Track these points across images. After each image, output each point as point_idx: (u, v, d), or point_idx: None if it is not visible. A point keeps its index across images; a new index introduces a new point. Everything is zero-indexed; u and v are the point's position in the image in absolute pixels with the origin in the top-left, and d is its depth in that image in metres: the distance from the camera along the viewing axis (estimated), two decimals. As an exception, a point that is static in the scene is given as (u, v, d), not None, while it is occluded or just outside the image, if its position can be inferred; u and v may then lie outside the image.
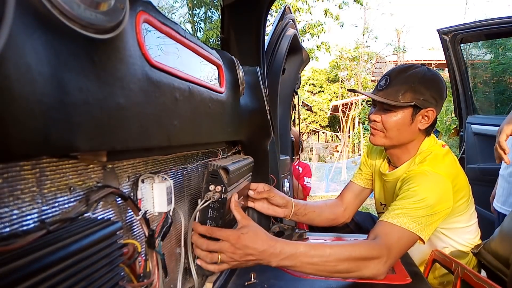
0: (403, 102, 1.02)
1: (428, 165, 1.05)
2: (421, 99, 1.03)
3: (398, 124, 1.06)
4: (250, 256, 0.79)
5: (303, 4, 9.16)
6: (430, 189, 0.99)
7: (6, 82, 0.30)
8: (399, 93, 1.03)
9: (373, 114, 1.11)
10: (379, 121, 1.08)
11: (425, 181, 1.00)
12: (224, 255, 0.78)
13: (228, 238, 0.79)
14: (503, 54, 3.87)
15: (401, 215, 0.95)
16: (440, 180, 1.01)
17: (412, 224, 0.94)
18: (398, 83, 1.04)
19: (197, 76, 0.77)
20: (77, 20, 0.38)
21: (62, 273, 0.37)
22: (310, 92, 17.51)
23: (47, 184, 0.44)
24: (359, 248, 0.87)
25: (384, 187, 1.28)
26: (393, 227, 0.94)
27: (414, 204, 0.97)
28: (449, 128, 8.51)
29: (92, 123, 0.42)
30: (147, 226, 0.63)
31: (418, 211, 0.96)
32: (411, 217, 0.95)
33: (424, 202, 0.97)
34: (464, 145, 2.46)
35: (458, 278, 0.97)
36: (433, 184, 1.00)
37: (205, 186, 0.81)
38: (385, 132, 1.09)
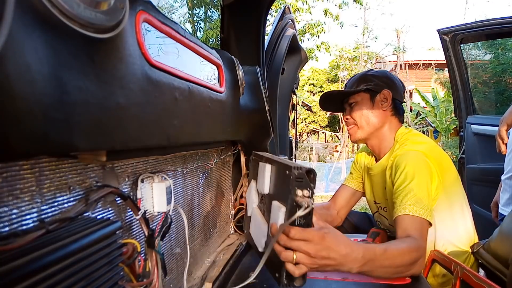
0: (355, 89, 1.20)
1: (405, 147, 1.14)
2: (372, 83, 1.19)
3: (362, 111, 1.20)
4: (331, 260, 0.72)
5: (303, 4, 9.16)
6: (416, 165, 1.06)
7: (6, 81, 0.30)
8: (353, 86, 1.22)
9: (344, 116, 1.27)
10: (349, 117, 1.24)
11: (409, 159, 1.07)
12: (302, 256, 0.70)
13: (313, 238, 0.70)
14: (503, 54, 3.87)
15: (411, 204, 0.99)
16: (420, 157, 1.09)
17: (421, 210, 0.98)
18: (351, 81, 1.25)
19: (197, 75, 0.77)
20: (76, 20, 0.38)
21: (61, 272, 0.37)
22: (310, 92, 17.51)
23: (47, 183, 0.44)
24: (412, 249, 0.88)
25: (372, 183, 1.33)
26: (414, 218, 0.97)
27: (412, 185, 1.02)
28: (449, 128, 8.52)
29: (92, 122, 0.42)
30: (147, 225, 0.63)
31: (419, 193, 1.00)
32: (417, 203, 0.99)
33: (416, 179, 1.02)
34: (464, 145, 2.46)
35: (457, 278, 0.97)
36: (416, 160, 1.08)
37: (292, 192, 0.73)
38: (356, 123, 1.22)
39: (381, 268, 0.81)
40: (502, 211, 1.67)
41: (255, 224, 0.95)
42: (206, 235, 1.06)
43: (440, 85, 10.51)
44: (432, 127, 9.76)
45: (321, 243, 0.70)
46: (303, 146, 13.16)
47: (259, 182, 0.97)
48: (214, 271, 0.95)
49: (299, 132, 14.62)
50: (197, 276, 0.94)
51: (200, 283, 0.90)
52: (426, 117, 9.73)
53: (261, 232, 0.89)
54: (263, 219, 0.91)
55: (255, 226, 0.95)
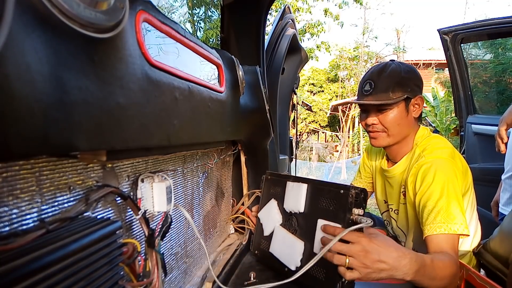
0: (396, 98, 1.06)
1: (430, 155, 1.07)
2: (409, 90, 1.08)
3: (398, 119, 1.09)
4: (383, 264, 0.71)
5: (303, 3, 9.16)
6: (446, 177, 1.00)
7: (6, 81, 0.30)
8: (389, 91, 1.06)
9: (369, 118, 1.12)
10: (377, 123, 1.10)
11: (438, 171, 1.01)
12: (353, 260, 0.70)
13: (360, 240, 0.70)
14: (503, 54, 3.86)
15: (444, 222, 0.95)
16: (448, 165, 1.03)
17: (455, 226, 0.94)
18: (384, 82, 1.07)
19: (197, 75, 0.77)
20: (76, 19, 0.38)
21: (61, 272, 0.37)
22: (310, 91, 17.50)
23: (47, 183, 0.44)
24: (453, 263, 0.86)
25: (386, 184, 1.27)
26: (447, 236, 0.94)
27: (443, 202, 0.97)
28: (449, 128, 8.52)
29: (92, 122, 0.42)
30: (147, 225, 0.63)
31: (451, 208, 0.96)
32: (450, 219, 0.95)
33: (447, 194, 0.98)
34: (464, 145, 2.46)
35: (462, 279, 0.97)
36: (445, 170, 1.01)
37: (349, 211, 0.78)
38: (387, 131, 1.10)
39: (428, 279, 0.79)
40: (502, 210, 1.66)
41: (284, 243, 0.96)
42: (206, 235, 1.06)
43: (440, 84, 10.50)
44: (432, 126, 9.76)
45: (370, 245, 0.71)
46: (303, 146, 13.16)
47: (288, 202, 0.99)
48: (214, 271, 0.95)
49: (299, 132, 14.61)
50: (197, 276, 0.94)
51: (200, 283, 0.90)
52: (426, 117, 9.72)
53: (295, 250, 0.90)
54: (296, 238, 0.92)
55: (284, 246, 0.95)
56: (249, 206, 1.24)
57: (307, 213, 0.92)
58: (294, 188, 0.98)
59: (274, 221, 1.02)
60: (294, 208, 0.95)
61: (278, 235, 0.99)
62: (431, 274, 0.79)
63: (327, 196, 0.86)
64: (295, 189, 0.97)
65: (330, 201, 0.85)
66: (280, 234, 0.98)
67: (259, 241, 1.07)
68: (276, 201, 1.05)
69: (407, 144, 1.15)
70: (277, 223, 1.01)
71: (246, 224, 1.23)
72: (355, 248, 0.70)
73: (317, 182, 0.94)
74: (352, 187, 0.80)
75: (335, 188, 0.84)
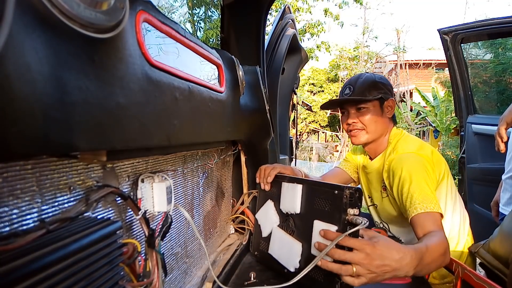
0: (373, 97, 1.22)
1: (398, 152, 1.21)
2: (382, 92, 1.24)
3: (374, 117, 1.24)
4: (387, 267, 0.74)
5: (303, 3, 9.15)
6: (410, 166, 1.12)
7: (6, 81, 0.30)
8: (366, 92, 1.22)
9: (349, 118, 1.26)
10: (357, 121, 1.25)
11: (403, 163, 1.14)
12: (359, 267, 0.72)
13: (363, 247, 0.72)
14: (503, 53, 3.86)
15: (420, 202, 1.04)
16: (412, 157, 1.16)
17: (431, 205, 1.03)
18: (361, 86, 1.24)
19: (197, 75, 0.77)
20: (76, 20, 0.38)
21: (62, 272, 0.37)
22: (310, 91, 17.50)
23: (47, 183, 0.44)
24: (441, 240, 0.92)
25: (367, 180, 1.40)
26: (427, 214, 1.01)
27: (414, 187, 1.07)
28: (449, 128, 8.52)
29: (92, 122, 0.42)
30: (147, 225, 0.63)
31: (423, 191, 1.05)
32: (425, 200, 1.03)
33: (415, 180, 1.08)
34: (465, 145, 2.46)
35: (458, 278, 0.97)
36: (409, 161, 1.14)
37: (344, 211, 0.78)
38: (366, 129, 1.25)
39: (427, 266, 0.83)
40: (502, 210, 1.66)
41: (282, 244, 0.96)
42: (206, 235, 1.06)
43: (440, 84, 10.50)
44: (433, 126, 9.76)
45: (374, 252, 0.73)
46: (303, 146, 13.16)
47: (284, 202, 0.99)
48: (214, 271, 0.95)
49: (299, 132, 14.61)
50: (197, 276, 0.94)
51: (200, 283, 0.90)
52: (426, 117, 9.72)
53: (293, 252, 0.90)
54: (293, 239, 0.92)
55: (282, 247, 0.95)
56: (249, 206, 1.24)
57: (303, 214, 0.92)
58: (289, 189, 0.98)
59: (271, 222, 1.02)
60: (290, 209, 0.95)
61: (276, 236, 0.99)
62: (428, 260, 0.83)
63: (322, 197, 0.86)
64: (290, 190, 0.97)
65: (325, 201, 0.85)
66: (278, 235, 0.98)
67: (258, 242, 1.07)
68: (273, 202, 1.05)
69: (382, 143, 1.30)
70: (274, 224, 1.01)
71: (246, 224, 1.23)
72: (360, 256, 0.72)
73: (312, 182, 0.94)
74: (346, 187, 0.80)
75: (330, 189, 0.84)
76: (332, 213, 0.82)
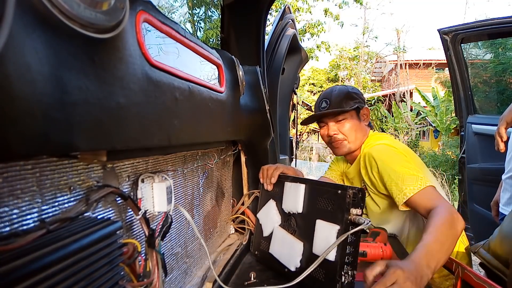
0: (350, 107, 1.27)
1: (368, 148, 1.26)
2: (358, 101, 1.30)
3: (353, 126, 1.28)
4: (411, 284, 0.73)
5: (303, 3, 9.15)
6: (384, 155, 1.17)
7: (6, 81, 0.30)
8: (342, 103, 1.27)
9: (330, 131, 1.30)
10: (338, 132, 1.29)
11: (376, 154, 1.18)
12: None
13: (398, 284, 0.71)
14: (503, 53, 3.86)
15: (406, 186, 1.07)
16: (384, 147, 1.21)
17: (418, 183, 1.05)
18: (337, 98, 1.28)
19: (197, 75, 0.77)
20: (77, 20, 0.38)
21: (62, 272, 0.37)
22: (310, 91, 17.50)
23: (47, 183, 0.44)
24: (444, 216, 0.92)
25: (351, 185, 1.42)
26: (418, 195, 1.04)
27: (393, 174, 1.11)
28: (449, 128, 8.51)
29: (92, 122, 0.42)
30: (147, 225, 0.63)
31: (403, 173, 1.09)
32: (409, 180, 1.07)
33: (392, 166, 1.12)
34: (465, 145, 2.46)
35: (458, 278, 0.97)
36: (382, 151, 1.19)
37: (347, 211, 0.78)
38: (347, 139, 1.29)
39: (440, 253, 0.84)
40: (502, 210, 1.67)
41: (283, 244, 0.96)
42: (207, 235, 1.06)
43: (440, 84, 10.50)
44: (433, 126, 9.75)
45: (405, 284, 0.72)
46: (303, 146, 13.16)
47: (287, 202, 0.99)
48: (215, 271, 0.95)
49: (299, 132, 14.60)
50: (197, 276, 0.94)
51: (200, 283, 0.90)
52: (426, 117, 9.72)
53: (294, 251, 0.90)
54: (295, 238, 0.92)
55: (283, 246, 0.95)
56: (249, 206, 1.24)
57: (305, 213, 0.92)
58: (292, 189, 0.98)
59: (273, 222, 1.02)
60: (293, 208, 0.95)
61: (277, 235, 0.99)
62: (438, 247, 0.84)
63: (325, 197, 0.86)
64: (293, 190, 0.97)
65: (328, 201, 0.85)
66: (279, 234, 0.98)
67: (259, 242, 1.07)
68: (275, 202, 1.05)
69: (360, 149, 1.34)
70: (276, 223, 1.01)
71: (246, 224, 1.23)
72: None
73: (315, 182, 0.94)
74: (350, 187, 0.80)
75: (333, 189, 0.84)
76: (334, 212, 0.82)
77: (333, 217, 0.82)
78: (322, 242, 0.82)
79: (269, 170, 1.12)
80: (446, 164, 6.93)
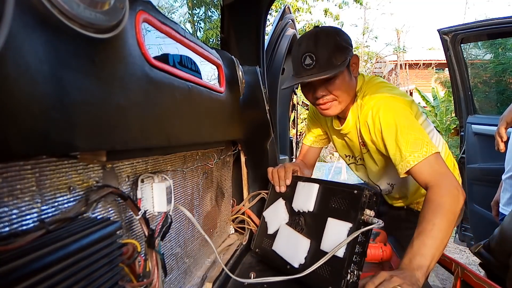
0: (341, 64, 1.03)
1: (371, 101, 1.08)
2: (346, 52, 1.05)
3: (345, 85, 1.07)
4: None
5: (303, 3, 9.16)
6: (391, 113, 1.02)
7: (6, 81, 0.30)
8: (332, 59, 1.02)
9: (318, 92, 1.08)
10: (327, 93, 1.07)
11: (382, 113, 1.03)
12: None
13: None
14: (503, 54, 3.86)
15: (410, 153, 0.97)
16: (388, 101, 1.05)
17: (423, 150, 0.96)
18: (324, 52, 1.02)
19: (197, 75, 0.77)
20: (76, 20, 0.38)
21: (61, 272, 0.37)
22: (310, 92, 17.45)
23: (47, 183, 0.44)
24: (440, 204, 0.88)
25: (346, 140, 1.28)
26: (421, 164, 0.96)
27: (400, 135, 0.98)
28: (449, 128, 8.51)
29: (92, 122, 0.42)
30: (147, 225, 0.63)
31: (411, 136, 0.98)
32: (415, 147, 0.97)
33: (400, 126, 0.99)
34: (465, 145, 2.46)
35: (458, 278, 0.97)
36: (388, 107, 1.04)
37: (361, 211, 0.80)
38: (338, 99, 1.09)
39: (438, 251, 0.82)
40: (502, 210, 1.67)
41: (289, 241, 0.97)
42: (206, 235, 1.06)
43: (440, 84, 10.49)
44: (433, 126, 9.74)
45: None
46: (303, 146, 13.12)
47: (298, 201, 1.00)
48: (214, 271, 0.95)
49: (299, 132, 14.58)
50: (197, 276, 0.94)
51: (200, 283, 0.90)
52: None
53: (300, 248, 0.91)
54: (302, 236, 0.93)
55: (288, 243, 0.96)
56: (252, 207, 1.24)
57: (316, 212, 0.93)
58: (305, 188, 0.99)
59: (280, 220, 1.03)
60: (303, 207, 0.96)
61: (283, 233, 1.00)
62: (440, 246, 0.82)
63: (339, 196, 0.88)
64: (306, 189, 0.98)
65: (342, 201, 0.86)
66: (286, 232, 0.99)
67: (261, 240, 1.07)
68: (284, 201, 1.05)
69: (351, 100, 1.15)
70: (283, 221, 1.02)
71: (246, 224, 1.23)
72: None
73: (329, 182, 0.95)
74: (366, 189, 0.81)
75: (348, 189, 0.86)
76: (348, 211, 0.83)
77: (345, 216, 0.83)
78: (331, 239, 0.83)
79: (280, 172, 1.08)
80: (446, 164, 6.93)
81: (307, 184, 0.99)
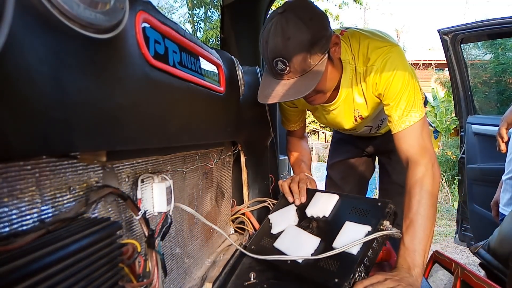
0: (320, 61, 0.89)
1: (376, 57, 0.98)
2: (323, 42, 0.88)
3: (328, 77, 0.97)
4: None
5: (303, 4, 9.15)
6: (401, 66, 0.96)
7: (6, 81, 0.30)
8: (307, 58, 0.87)
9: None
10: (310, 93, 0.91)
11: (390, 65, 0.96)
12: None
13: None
14: (503, 54, 3.87)
15: (406, 115, 0.95)
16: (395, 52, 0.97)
17: (416, 114, 0.95)
18: (298, 56, 0.86)
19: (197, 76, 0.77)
20: (76, 20, 0.38)
21: (61, 272, 0.37)
22: (310, 92, 17.46)
23: (47, 184, 0.44)
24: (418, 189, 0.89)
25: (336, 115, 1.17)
26: (408, 130, 0.95)
27: (404, 97, 0.95)
28: (449, 128, 8.50)
29: (92, 122, 0.42)
30: (147, 226, 0.63)
31: (411, 99, 0.95)
32: (412, 110, 0.95)
33: (407, 84, 0.95)
34: (465, 145, 2.46)
35: (458, 278, 0.97)
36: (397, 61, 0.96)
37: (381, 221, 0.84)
38: (323, 91, 1.00)
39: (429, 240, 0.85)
40: (502, 211, 1.67)
41: (296, 238, 0.99)
42: (206, 235, 1.06)
43: (440, 85, 10.49)
44: (432, 127, 9.72)
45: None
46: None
47: (313, 207, 1.03)
48: (214, 271, 0.95)
49: (299, 132, 14.52)
50: (197, 276, 0.94)
51: (200, 283, 0.90)
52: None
53: (307, 244, 0.93)
54: (311, 235, 0.96)
55: (294, 240, 0.98)
56: (252, 210, 1.24)
57: (332, 218, 0.96)
58: (323, 197, 1.03)
59: (287, 222, 1.04)
60: (319, 213, 0.99)
61: (290, 232, 1.00)
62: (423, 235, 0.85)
63: (361, 207, 0.92)
64: (324, 198, 1.02)
65: (363, 211, 0.90)
66: (293, 231, 1.00)
67: (261, 238, 1.07)
68: (296, 207, 1.08)
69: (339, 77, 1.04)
70: (292, 223, 1.03)
71: (246, 224, 1.23)
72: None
73: (351, 196, 1.01)
74: (389, 202, 0.87)
75: (371, 201, 0.92)
76: (368, 219, 0.87)
77: (365, 221, 0.86)
78: (346, 238, 0.85)
79: (294, 187, 1.08)
80: (446, 164, 6.93)
81: (327, 195, 1.03)
